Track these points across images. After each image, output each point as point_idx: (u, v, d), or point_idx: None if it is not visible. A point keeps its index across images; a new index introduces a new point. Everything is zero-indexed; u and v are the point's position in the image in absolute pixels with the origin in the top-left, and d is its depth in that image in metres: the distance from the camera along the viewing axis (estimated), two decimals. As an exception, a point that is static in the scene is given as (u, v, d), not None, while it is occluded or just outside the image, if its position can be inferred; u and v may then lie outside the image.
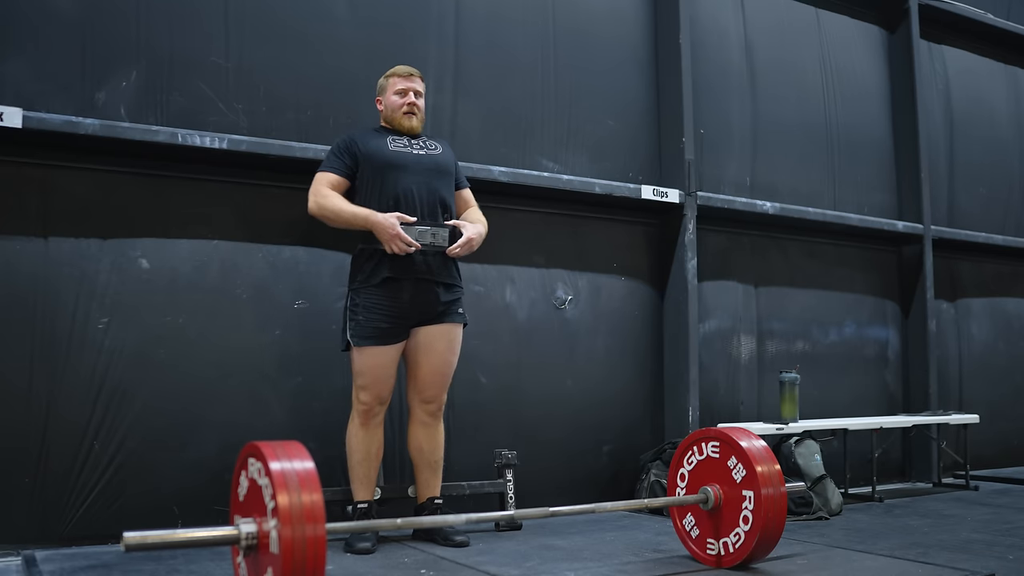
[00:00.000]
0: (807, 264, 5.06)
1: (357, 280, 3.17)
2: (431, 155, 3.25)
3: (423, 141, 3.29)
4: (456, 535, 3.14)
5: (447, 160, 3.30)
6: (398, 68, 3.33)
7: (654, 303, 4.47)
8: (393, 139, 3.23)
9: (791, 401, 4.20)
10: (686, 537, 2.90)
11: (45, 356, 3.10)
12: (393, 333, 3.13)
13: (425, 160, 3.22)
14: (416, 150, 3.23)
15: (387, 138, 3.23)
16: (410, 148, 3.23)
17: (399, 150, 3.20)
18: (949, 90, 5.83)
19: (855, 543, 3.18)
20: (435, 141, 3.35)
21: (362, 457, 3.16)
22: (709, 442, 2.85)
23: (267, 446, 2.00)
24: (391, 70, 3.33)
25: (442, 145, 3.35)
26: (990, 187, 5.94)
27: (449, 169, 3.30)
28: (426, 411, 3.25)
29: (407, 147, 3.22)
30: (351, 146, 3.19)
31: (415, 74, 3.32)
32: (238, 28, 3.50)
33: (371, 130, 3.32)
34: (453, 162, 3.35)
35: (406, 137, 3.26)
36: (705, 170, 4.58)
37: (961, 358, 5.66)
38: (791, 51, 5.08)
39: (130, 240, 3.27)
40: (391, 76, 3.31)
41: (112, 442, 3.16)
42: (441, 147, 3.33)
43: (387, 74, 3.33)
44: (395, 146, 3.20)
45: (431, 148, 3.28)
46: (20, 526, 3.00)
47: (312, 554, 1.86)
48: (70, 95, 3.18)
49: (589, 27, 4.39)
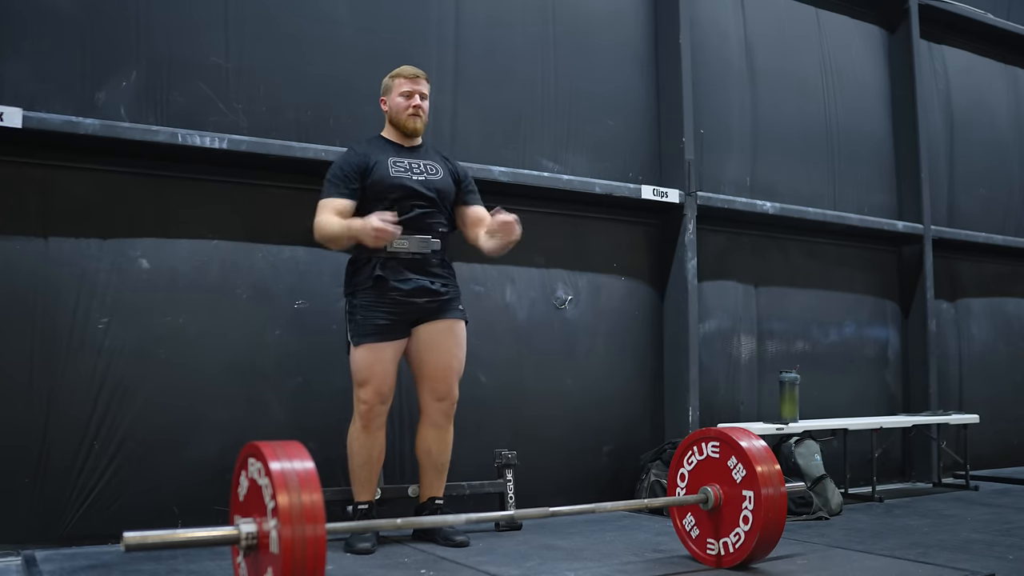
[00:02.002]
0: (807, 264, 5.06)
1: (351, 285, 3.18)
2: (431, 180, 3.22)
3: (424, 164, 3.24)
4: (456, 535, 3.14)
5: (446, 186, 3.26)
6: (404, 69, 3.30)
7: (654, 303, 4.47)
8: (395, 161, 3.20)
9: (791, 401, 4.20)
10: (686, 537, 2.90)
11: (45, 356, 3.10)
12: (391, 330, 3.12)
13: (425, 185, 3.19)
14: (416, 175, 3.20)
15: (389, 159, 3.19)
16: (410, 173, 3.19)
17: (400, 175, 3.16)
18: (949, 90, 5.83)
19: (855, 543, 3.18)
20: (436, 163, 3.29)
21: (363, 461, 3.16)
22: (709, 442, 2.85)
23: (267, 446, 2.00)
24: (396, 70, 3.30)
25: (442, 167, 3.30)
26: (990, 187, 5.94)
27: (448, 194, 3.27)
28: (440, 411, 3.24)
29: (407, 172, 3.19)
30: (361, 164, 3.14)
31: (420, 76, 3.29)
32: (238, 28, 3.50)
33: (375, 142, 3.27)
34: (452, 185, 3.30)
35: (407, 159, 3.23)
36: (705, 170, 4.58)
37: (961, 358, 5.66)
38: (791, 51, 5.08)
39: (130, 240, 3.28)
40: (396, 77, 3.28)
41: (112, 442, 3.16)
42: (441, 171, 3.28)
43: (392, 74, 3.30)
44: (396, 171, 3.17)
45: (431, 172, 3.24)
46: (20, 526, 3.00)
47: (312, 554, 1.86)
48: (70, 95, 3.18)
49: (589, 28, 4.39)
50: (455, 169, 3.36)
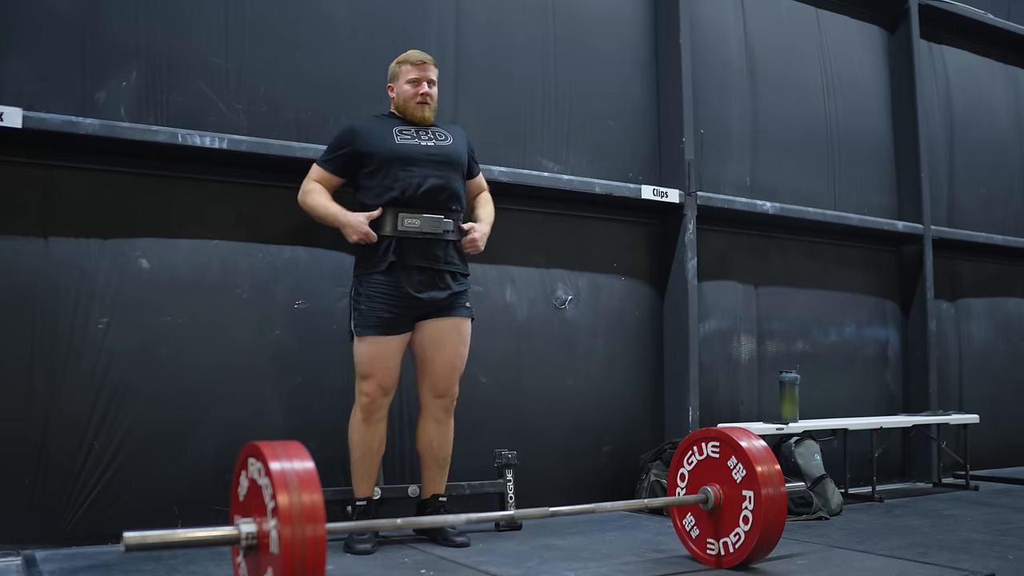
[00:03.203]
0: (807, 264, 5.06)
1: (361, 267, 3.13)
2: (440, 146, 3.15)
3: (433, 131, 3.19)
4: (456, 535, 3.14)
5: (458, 150, 3.20)
6: (411, 54, 3.23)
7: (654, 303, 4.47)
8: (400, 129, 3.14)
9: (791, 401, 4.20)
10: (686, 537, 2.90)
11: (45, 356, 3.10)
12: (396, 324, 3.09)
13: (434, 151, 3.12)
14: (424, 141, 3.13)
15: (394, 128, 3.14)
16: (418, 139, 3.13)
17: (406, 142, 3.11)
18: (949, 90, 5.83)
19: (855, 543, 3.18)
20: (446, 130, 3.23)
21: (363, 452, 3.13)
22: (709, 442, 2.85)
23: (267, 446, 2.00)
24: (403, 55, 3.24)
25: (453, 134, 3.23)
26: (990, 187, 5.94)
27: (460, 159, 3.20)
28: (440, 406, 3.23)
29: (414, 138, 3.13)
30: (350, 141, 3.13)
31: (428, 61, 3.22)
32: (238, 28, 3.50)
33: (377, 117, 3.24)
34: (465, 151, 3.25)
35: (414, 127, 3.17)
36: (705, 170, 4.58)
37: (961, 358, 5.66)
38: (791, 51, 5.08)
39: (130, 240, 3.27)
40: (403, 63, 3.21)
41: (112, 442, 3.15)
42: (452, 136, 3.21)
43: (399, 59, 3.24)
44: (402, 138, 3.11)
45: (440, 138, 3.17)
46: (20, 526, 3.00)
47: (312, 554, 1.86)
48: (70, 95, 3.17)
49: (589, 27, 4.38)
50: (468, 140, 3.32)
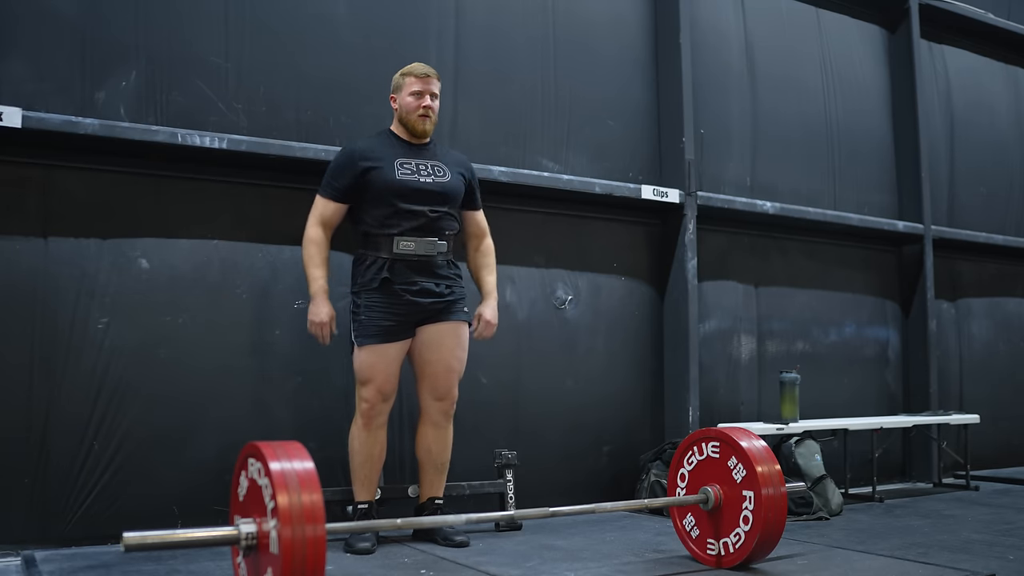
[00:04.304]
0: (807, 264, 5.06)
1: (357, 284, 3.18)
2: (439, 182, 3.19)
3: (432, 166, 3.22)
4: (456, 535, 3.14)
5: (454, 188, 3.24)
6: (415, 67, 3.25)
7: (654, 303, 4.47)
8: (401, 162, 3.17)
9: (791, 401, 4.20)
10: (686, 537, 2.90)
11: (45, 356, 3.10)
12: (396, 331, 3.12)
13: (432, 188, 3.17)
14: (423, 177, 3.17)
15: (395, 160, 3.17)
16: (417, 175, 3.16)
17: (405, 178, 3.14)
18: (949, 90, 5.82)
19: (855, 543, 3.18)
20: (444, 164, 3.25)
21: (364, 459, 3.16)
22: (709, 442, 2.85)
23: (267, 446, 2.00)
24: (408, 68, 3.26)
25: (451, 170, 3.25)
26: (990, 187, 5.94)
27: (456, 196, 3.25)
28: (439, 410, 3.24)
29: (414, 174, 3.16)
30: (352, 165, 3.14)
31: (432, 75, 3.24)
32: (238, 28, 3.49)
33: (379, 138, 3.26)
34: (463, 185, 3.28)
35: (415, 160, 3.20)
36: (705, 170, 4.58)
37: (961, 358, 5.66)
38: (791, 51, 5.08)
39: (130, 240, 3.27)
40: (407, 75, 3.23)
41: (112, 442, 3.15)
42: (449, 173, 3.24)
43: (403, 71, 3.26)
44: (402, 173, 3.14)
45: (439, 174, 3.21)
46: (20, 526, 3.00)
47: (312, 554, 1.86)
48: (70, 95, 3.17)
49: (589, 28, 4.38)
50: (467, 171, 3.34)
